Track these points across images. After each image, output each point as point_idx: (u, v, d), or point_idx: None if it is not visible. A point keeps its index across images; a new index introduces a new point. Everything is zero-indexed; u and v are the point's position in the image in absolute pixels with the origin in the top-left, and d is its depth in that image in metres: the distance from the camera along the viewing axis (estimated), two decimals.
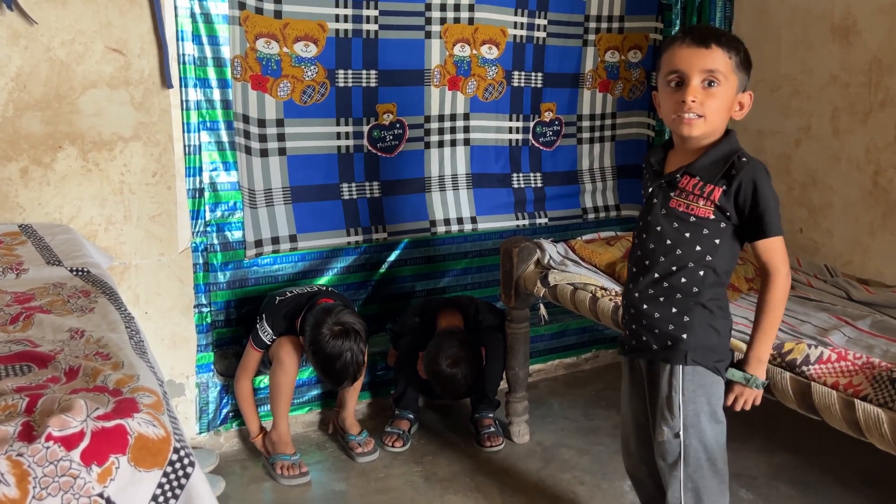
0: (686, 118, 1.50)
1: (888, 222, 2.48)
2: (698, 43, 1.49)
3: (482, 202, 2.88)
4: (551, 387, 3.00)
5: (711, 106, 1.50)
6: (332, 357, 2.20)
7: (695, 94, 1.49)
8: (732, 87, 1.52)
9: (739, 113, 1.57)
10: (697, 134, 1.53)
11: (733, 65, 1.50)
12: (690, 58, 1.49)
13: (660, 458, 1.64)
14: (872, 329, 1.99)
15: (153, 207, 2.27)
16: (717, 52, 1.48)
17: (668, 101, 1.55)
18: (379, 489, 2.26)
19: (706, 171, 1.54)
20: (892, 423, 1.44)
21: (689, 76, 1.49)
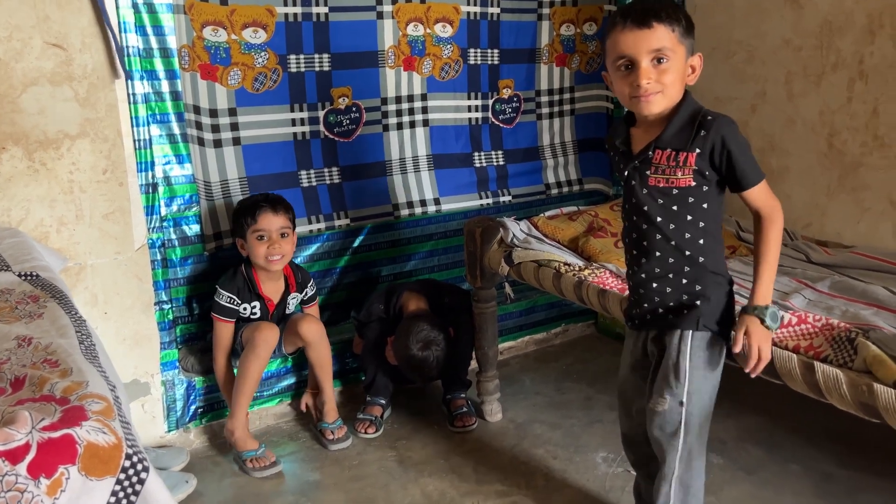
0: (644, 98, 1.50)
1: (844, 183, 2.51)
2: (639, 24, 1.48)
3: (445, 183, 2.86)
4: (522, 363, 3.01)
5: (666, 80, 1.50)
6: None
7: (647, 75, 1.49)
8: (681, 56, 1.52)
9: (692, 77, 1.56)
10: (658, 110, 1.53)
11: (678, 36, 1.49)
12: (635, 41, 1.48)
13: (656, 429, 1.63)
14: (832, 290, 2.02)
15: (106, 205, 2.21)
16: (659, 29, 1.47)
17: (621, 85, 1.54)
18: (353, 476, 2.26)
19: (675, 139, 1.54)
20: (850, 383, 1.46)
21: (637, 59, 1.49)
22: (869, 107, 2.40)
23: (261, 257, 2.29)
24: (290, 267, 2.41)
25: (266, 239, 2.28)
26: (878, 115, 2.38)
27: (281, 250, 2.30)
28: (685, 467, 1.63)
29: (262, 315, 2.38)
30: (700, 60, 1.57)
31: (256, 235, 2.28)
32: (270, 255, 2.29)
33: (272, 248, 2.29)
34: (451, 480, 2.21)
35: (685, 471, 1.64)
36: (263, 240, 2.28)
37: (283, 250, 2.31)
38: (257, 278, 2.34)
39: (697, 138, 1.51)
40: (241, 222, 2.30)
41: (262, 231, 2.27)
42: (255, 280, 2.34)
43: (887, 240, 2.39)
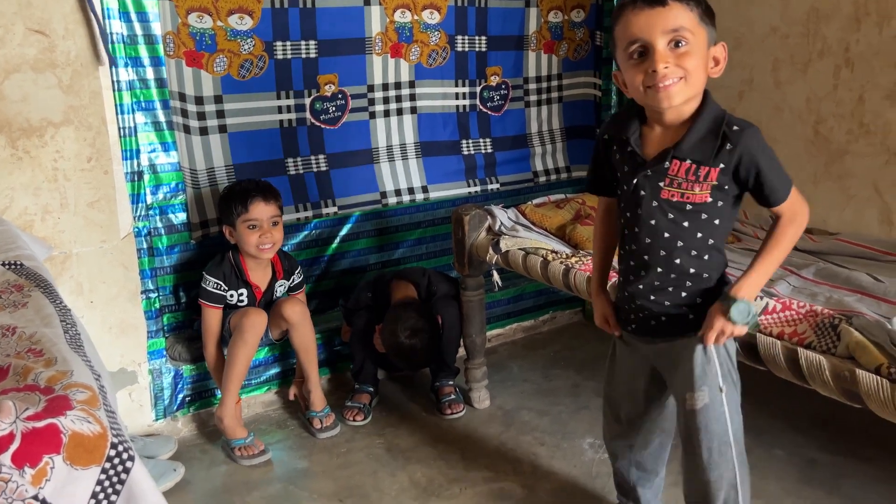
0: (662, 86, 1.32)
1: (830, 170, 2.52)
2: (652, 2, 1.31)
3: (432, 170, 2.85)
4: (510, 351, 3.02)
5: (688, 65, 1.32)
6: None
7: (664, 59, 1.31)
8: (702, 41, 1.34)
9: (716, 69, 1.39)
10: (679, 101, 1.34)
11: (697, 17, 1.32)
12: (648, 21, 1.31)
13: (703, 432, 1.49)
14: (816, 277, 2.03)
15: (91, 193, 2.20)
16: (675, 7, 1.30)
17: (634, 76, 1.36)
18: (341, 464, 2.26)
19: (697, 150, 1.37)
20: (833, 369, 1.47)
21: (652, 42, 1.32)
22: (855, 94, 2.41)
23: (252, 246, 2.28)
24: (277, 254, 2.40)
25: (257, 228, 2.27)
26: (864, 102, 2.39)
27: (272, 239, 2.29)
28: (741, 465, 1.53)
29: (250, 302, 2.38)
30: (724, 51, 1.39)
31: (248, 225, 2.27)
32: (262, 244, 2.28)
33: (264, 237, 2.28)
34: (438, 467, 2.22)
35: (742, 470, 1.53)
36: (255, 229, 2.27)
37: (274, 238, 2.30)
38: (245, 265, 2.34)
39: (722, 152, 1.36)
40: (230, 210, 2.28)
41: (254, 220, 2.27)
42: (243, 267, 2.34)
43: (872, 227, 2.40)
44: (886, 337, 1.47)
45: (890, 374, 1.40)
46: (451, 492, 2.09)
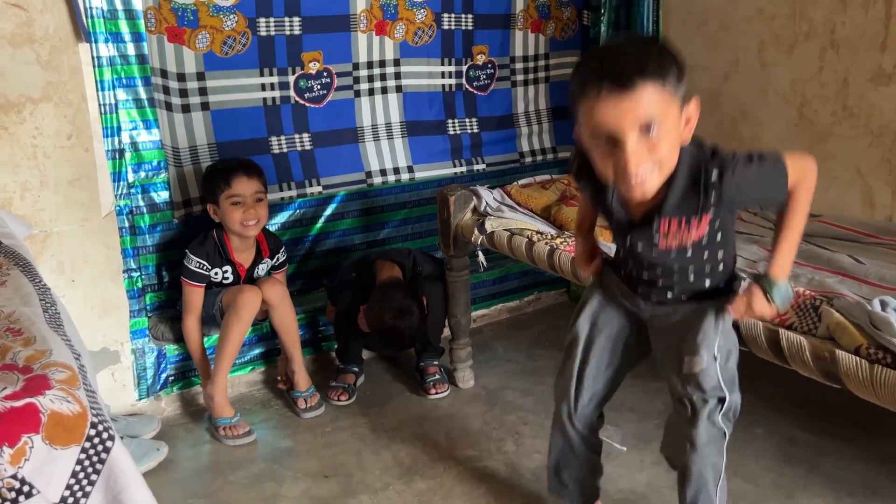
0: (634, 183, 1.23)
1: (814, 152, 2.49)
2: (620, 86, 1.15)
3: (418, 150, 2.84)
4: (495, 331, 3.03)
5: (661, 154, 1.21)
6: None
7: (636, 156, 1.19)
8: (675, 116, 1.21)
9: (687, 130, 1.26)
10: (654, 190, 1.26)
11: (670, 91, 1.18)
12: (616, 111, 1.16)
13: (694, 389, 1.47)
14: (799, 259, 2.04)
15: (71, 171, 2.17)
16: (645, 90, 1.15)
17: (601, 161, 1.25)
18: (326, 443, 2.27)
19: (681, 207, 1.31)
20: (813, 350, 1.49)
21: (621, 136, 1.18)
22: (839, 76, 2.41)
23: (236, 223, 2.26)
24: (262, 232, 2.39)
25: (241, 204, 2.25)
26: (849, 84, 2.39)
27: (256, 215, 2.28)
28: (727, 424, 1.50)
29: (235, 280, 2.37)
30: (696, 108, 1.27)
31: (231, 201, 2.25)
32: (246, 221, 2.26)
33: (248, 213, 2.26)
34: (423, 446, 2.23)
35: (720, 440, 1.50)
36: (239, 205, 2.25)
37: (259, 215, 2.29)
38: (229, 243, 2.32)
39: (708, 200, 1.29)
40: (213, 188, 2.26)
41: (237, 196, 2.25)
42: (227, 245, 2.32)
43: (854, 209, 2.42)
44: (866, 318, 1.49)
45: (869, 354, 1.42)
46: (435, 471, 2.11)
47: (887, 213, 2.35)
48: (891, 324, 1.44)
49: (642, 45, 1.24)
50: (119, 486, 1.01)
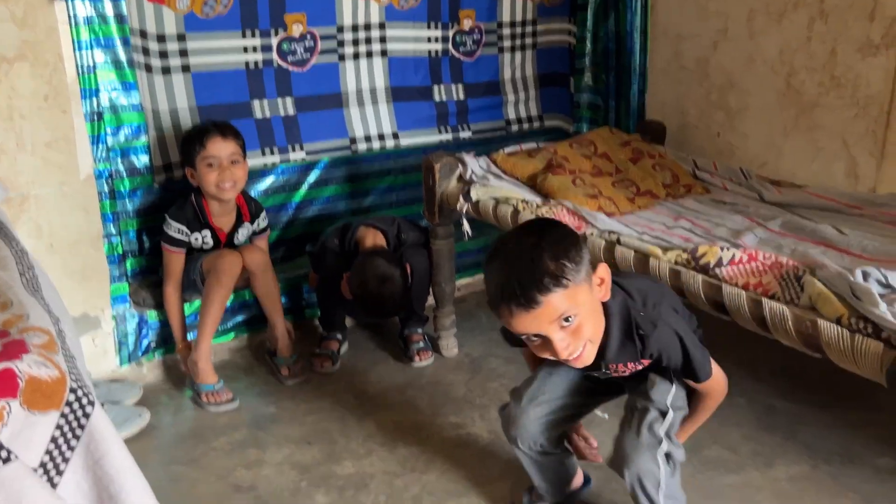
0: (574, 359, 1.36)
1: (800, 123, 2.52)
2: (527, 306, 1.26)
3: (403, 117, 2.80)
4: (479, 299, 3.03)
5: (585, 333, 1.33)
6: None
7: (563, 345, 1.31)
8: (586, 295, 1.31)
9: (602, 289, 1.38)
10: (591, 360, 1.39)
11: (573, 284, 1.27)
12: (532, 322, 1.28)
13: (643, 399, 1.54)
14: (782, 229, 2.05)
15: (48, 133, 2.12)
16: (550, 298, 1.25)
17: (537, 350, 1.37)
18: (309, 410, 2.27)
19: (622, 355, 1.44)
20: (796, 319, 1.50)
21: (544, 334, 1.30)
22: (828, 47, 2.40)
23: (211, 185, 2.23)
24: (242, 196, 2.36)
25: (216, 166, 2.22)
26: (836, 55, 2.38)
27: (232, 177, 2.24)
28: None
29: (215, 245, 2.34)
30: (606, 271, 1.38)
31: (206, 163, 2.22)
32: (221, 183, 2.23)
33: (223, 175, 2.23)
34: (406, 413, 2.24)
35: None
36: (213, 167, 2.22)
37: (235, 177, 2.25)
38: (207, 208, 2.29)
39: (643, 351, 1.43)
40: (189, 150, 2.23)
41: (212, 158, 2.21)
42: (206, 210, 2.29)
43: (839, 180, 2.43)
44: (848, 289, 1.50)
45: (850, 324, 1.43)
46: (418, 437, 2.11)
47: (871, 185, 2.35)
48: (872, 294, 1.45)
49: (536, 253, 1.27)
50: (100, 452, 1.00)
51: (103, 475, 1.00)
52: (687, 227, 2.10)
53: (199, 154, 2.21)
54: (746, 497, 1.81)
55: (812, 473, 1.90)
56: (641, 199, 2.34)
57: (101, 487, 1.00)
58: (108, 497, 1.00)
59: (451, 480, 1.93)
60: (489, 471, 1.96)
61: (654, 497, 1.48)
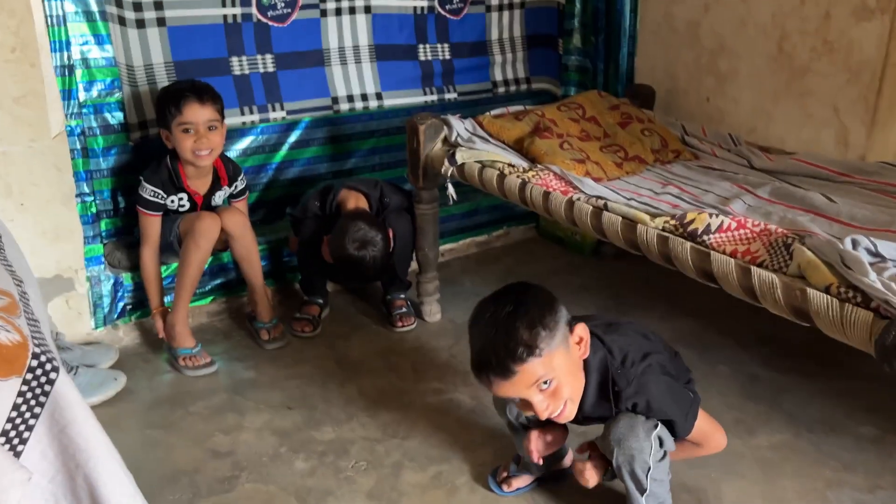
0: (556, 416, 1.40)
1: (791, 88, 2.48)
2: (504, 376, 1.32)
3: (387, 76, 2.73)
4: (463, 265, 3.00)
5: (563, 395, 1.38)
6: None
7: (543, 404, 1.37)
8: (562, 358, 1.36)
9: (582, 347, 1.42)
10: (573, 416, 1.44)
11: (547, 352, 1.33)
12: (510, 389, 1.35)
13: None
14: (771, 196, 2.02)
15: (16, 88, 2.03)
16: (525, 367, 1.31)
17: (521, 408, 1.44)
18: (290, 374, 2.24)
19: (597, 410, 1.48)
20: (784, 287, 1.47)
21: (525, 398, 1.36)
22: (822, 10, 2.35)
23: (187, 151, 2.16)
24: (220, 159, 2.29)
25: (192, 132, 2.14)
26: (830, 19, 2.33)
27: (209, 144, 2.17)
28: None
29: (192, 207, 2.28)
30: (584, 330, 1.42)
31: (182, 128, 2.14)
32: (198, 150, 2.16)
33: (199, 143, 2.15)
34: (388, 378, 2.21)
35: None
36: (189, 133, 2.14)
37: (212, 143, 2.18)
38: (182, 172, 2.22)
39: (619, 406, 1.46)
40: (164, 112, 2.15)
41: (188, 124, 2.13)
42: (181, 173, 2.22)
43: (828, 147, 2.40)
44: (838, 257, 1.47)
45: (839, 293, 1.40)
46: (400, 402, 2.09)
47: (861, 153, 2.33)
48: (862, 263, 1.43)
49: (511, 323, 1.32)
50: (65, 420, 0.96)
51: (69, 443, 0.96)
52: (675, 194, 2.06)
53: (174, 118, 2.13)
54: (729, 464, 1.81)
55: (794, 442, 1.90)
56: (629, 165, 2.30)
57: (68, 456, 0.96)
58: (74, 465, 0.97)
59: (434, 446, 1.91)
60: (472, 437, 1.94)
61: (640, 477, 1.47)
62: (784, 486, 1.75)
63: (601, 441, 1.53)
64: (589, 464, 1.58)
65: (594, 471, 1.59)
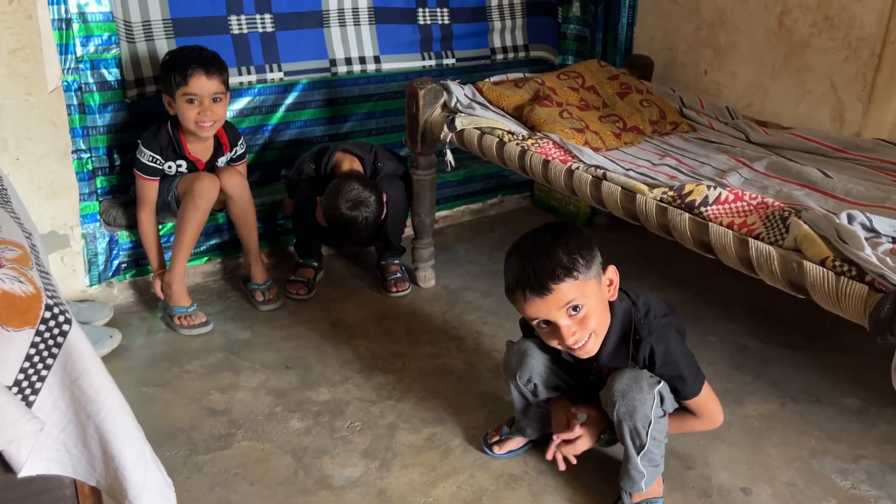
0: (578, 348, 1.46)
1: (789, 63, 2.49)
2: (539, 292, 1.39)
3: (386, 39, 2.71)
4: (457, 232, 3.01)
5: (591, 324, 1.44)
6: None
7: (570, 332, 1.43)
8: (595, 290, 1.44)
9: (612, 290, 1.49)
10: (595, 351, 1.49)
11: (582, 278, 1.40)
12: (542, 308, 1.41)
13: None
14: (768, 170, 2.04)
15: (13, 40, 2.00)
16: (561, 287, 1.39)
17: (546, 337, 1.48)
18: (285, 336, 2.25)
19: (615, 358, 1.52)
20: (781, 260, 1.50)
21: (553, 320, 1.42)
22: None
23: (190, 122, 2.13)
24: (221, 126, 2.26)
25: (197, 104, 2.12)
26: None
27: (213, 116, 2.15)
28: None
29: (191, 171, 2.26)
30: (615, 273, 1.50)
31: (186, 98, 2.11)
32: (201, 122, 2.14)
33: (203, 115, 2.13)
34: (382, 342, 2.23)
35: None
36: (194, 104, 2.12)
37: (216, 115, 2.16)
38: (184, 139, 2.20)
39: (636, 356, 1.50)
40: (169, 80, 2.11)
41: (193, 95, 2.11)
42: (182, 140, 2.20)
43: (824, 122, 2.42)
44: (834, 231, 1.49)
45: (835, 267, 1.43)
46: (394, 366, 2.11)
47: (856, 129, 2.35)
48: (858, 237, 1.45)
49: (552, 248, 1.41)
50: (77, 371, 0.97)
51: (81, 395, 0.97)
52: (672, 165, 2.08)
53: (179, 88, 2.10)
54: (716, 432, 1.85)
55: (780, 411, 1.95)
56: (628, 135, 2.31)
57: (79, 407, 0.98)
58: (86, 416, 0.98)
59: (427, 409, 1.94)
60: (465, 400, 1.97)
61: (640, 431, 1.51)
62: (770, 453, 1.80)
63: (604, 393, 1.55)
64: (584, 429, 1.61)
65: (587, 437, 1.62)
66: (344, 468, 1.73)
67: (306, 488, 1.67)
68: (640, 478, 1.56)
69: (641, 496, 1.60)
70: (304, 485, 1.68)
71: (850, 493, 1.68)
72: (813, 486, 1.70)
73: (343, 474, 1.72)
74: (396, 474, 1.72)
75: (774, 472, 1.74)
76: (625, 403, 1.49)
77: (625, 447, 1.56)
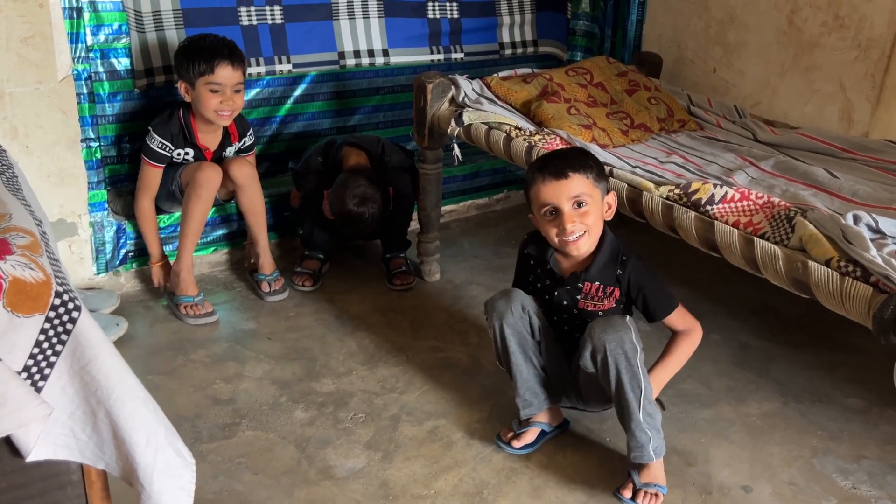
0: (571, 240, 1.66)
1: (798, 62, 2.49)
2: (557, 176, 1.64)
3: (395, 33, 2.71)
4: (463, 227, 3.01)
5: (588, 221, 1.66)
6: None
7: (570, 219, 1.64)
8: (598, 198, 1.68)
9: (609, 213, 1.73)
10: (585, 250, 1.69)
11: (592, 181, 1.66)
12: (555, 191, 1.64)
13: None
14: (774, 169, 2.04)
15: (24, 28, 2.01)
16: (575, 178, 1.64)
17: (549, 229, 1.69)
18: (290, 327, 2.26)
19: (602, 274, 1.71)
20: (786, 259, 1.50)
21: (560, 206, 1.65)
22: None
23: (210, 110, 2.15)
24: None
25: (220, 93, 2.13)
26: None
27: (233, 106, 2.17)
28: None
29: (197, 160, 2.27)
30: (615, 198, 1.76)
31: (210, 87, 2.12)
32: (221, 111, 2.15)
33: (224, 104, 2.15)
34: (386, 335, 2.24)
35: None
36: (217, 93, 2.13)
37: (235, 105, 2.18)
38: (195, 126, 2.21)
39: (620, 277, 1.70)
40: (191, 66, 2.12)
41: (218, 84, 2.12)
42: (193, 128, 2.21)
43: (832, 123, 2.41)
44: (839, 231, 1.50)
45: (839, 267, 1.43)
46: (398, 359, 2.12)
47: (864, 130, 2.34)
48: (863, 238, 1.46)
49: (572, 153, 1.74)
50: (87, 358, 0.98)
51: (90, 380, 0.98)
52: (679, 163, 2.08)
53: (202, 75, 2.11)
54: (719, 430, 1.86)
55: (782, 410, 1.95)
56: (635, 132, 2.31)
57: (89, 392, 0.99)
58: (96, 401, 0.99)
59: (430, 402, 1.95)
60: (468, 394, 1.98)
61: (632, 361, 1.59)
62: (771, 452, 1.80)
63: (585, 339, 1.63)
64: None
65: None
66: (347, 459, 1.75)
67: (309, 478, 1.69)
68: (647, 441, 1.61)
69: (649, 477, 1.62)
70: (308, 475, 1.70)
71: (850, 493, 1.68)
72: (814, 485, 1.71)
73: (346, 465, 1.73)
74: (399, 466, 1.73)
75: (775, 471, 1.75)
76: (610, 339, 1.59)
77: (624, 405, 1.60)
